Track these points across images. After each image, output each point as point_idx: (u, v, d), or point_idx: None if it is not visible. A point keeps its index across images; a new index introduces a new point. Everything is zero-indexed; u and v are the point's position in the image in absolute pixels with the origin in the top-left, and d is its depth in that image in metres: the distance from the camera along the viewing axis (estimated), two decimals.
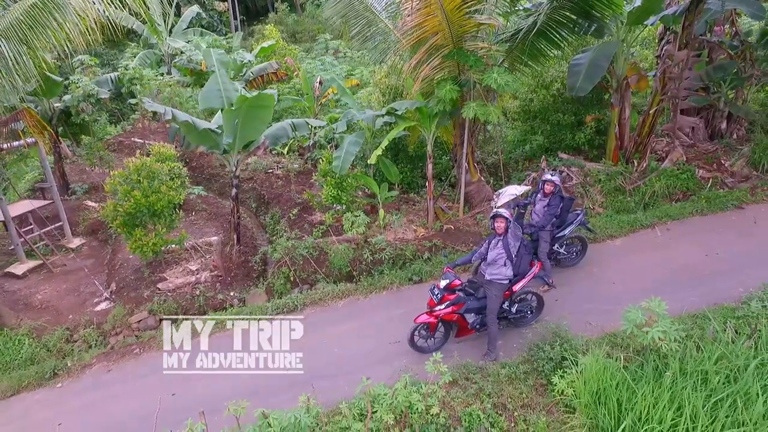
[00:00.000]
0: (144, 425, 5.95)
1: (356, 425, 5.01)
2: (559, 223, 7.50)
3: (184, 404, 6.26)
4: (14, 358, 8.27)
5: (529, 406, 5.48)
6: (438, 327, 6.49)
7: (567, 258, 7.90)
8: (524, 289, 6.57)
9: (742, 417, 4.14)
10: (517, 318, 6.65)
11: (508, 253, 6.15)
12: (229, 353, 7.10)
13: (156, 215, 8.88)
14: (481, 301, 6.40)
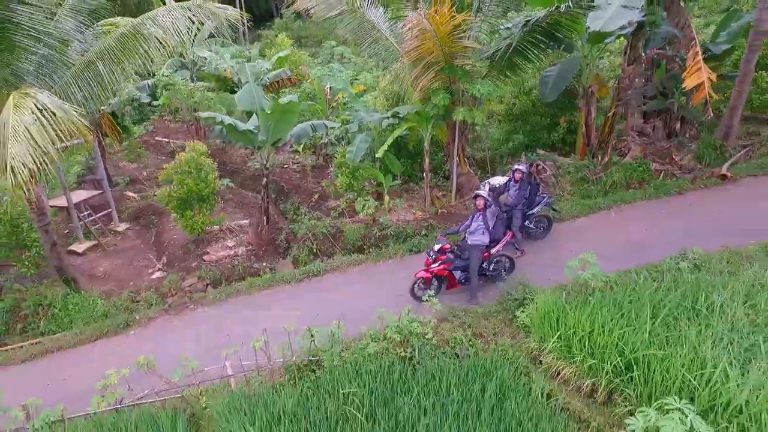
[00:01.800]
0: (209, 355, 7.79)
1: (372, 344, 6.90)
2: (529, 204, 9.40)
3: (248, 335, 8.13)
4: (91, 314, 10.15)
5: (499, 333, 7.38)
6: (432, 281, 8.37)
7: (536, 232, 9.80)
8: (499, 252, 8.48)
9: (637, 322, 6.05)
10: (493, 274, 8.55)
11: (486, 224, 8.05)
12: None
13: (202, 200, 10.78)
14: (465, 261, 8.30)
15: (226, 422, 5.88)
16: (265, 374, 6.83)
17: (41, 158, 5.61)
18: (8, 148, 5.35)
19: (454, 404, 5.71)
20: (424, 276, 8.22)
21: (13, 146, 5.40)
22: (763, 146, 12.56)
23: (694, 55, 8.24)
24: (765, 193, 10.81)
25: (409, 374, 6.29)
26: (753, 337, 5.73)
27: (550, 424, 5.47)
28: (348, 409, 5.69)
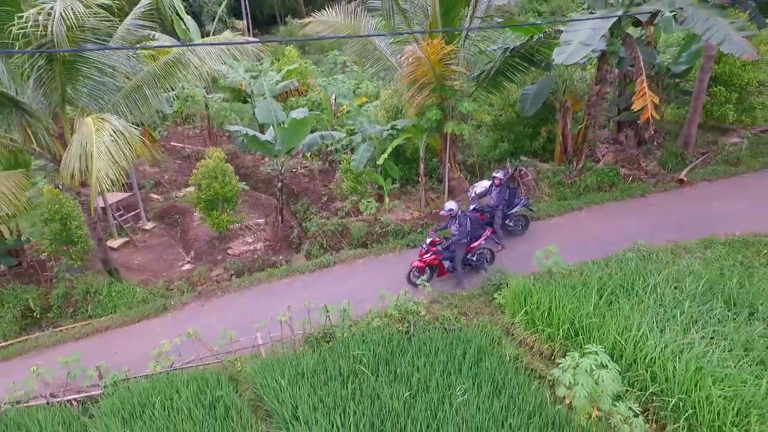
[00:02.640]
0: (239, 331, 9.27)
1: (376, 319, 8.43)
2: (509, 205, 10.93)
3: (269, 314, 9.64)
4: (132, 300, 11.65)
5: (480, 312, 8.92)
6: (425, 269, 9.89)
7: (515, 229, 11.32)
8: (480, 246, 10.01)
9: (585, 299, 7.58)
10: (477, 264, 10.08)
11: (457, 231, 9.52)
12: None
13: (226, 200, 12.30)
14: (452, 253, 9.82)
15: (261, 378, 7.41)
16: (288, 343, 8.36)
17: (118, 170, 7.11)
18: (94, 164, 6.86)
19: (441, 364, 7.22)
20: (418, 265, 9.74)
21: (97, 162, 6.91)
22: (720, 154, 14.09)
23: (641, 83, 9.74)
24: (717, 195, 12.35)
25: (405, 342, 7.81)
26: (674, 310, 7.27)
27: (516, 377, 6.99)
28: (357, 367, 7.21)
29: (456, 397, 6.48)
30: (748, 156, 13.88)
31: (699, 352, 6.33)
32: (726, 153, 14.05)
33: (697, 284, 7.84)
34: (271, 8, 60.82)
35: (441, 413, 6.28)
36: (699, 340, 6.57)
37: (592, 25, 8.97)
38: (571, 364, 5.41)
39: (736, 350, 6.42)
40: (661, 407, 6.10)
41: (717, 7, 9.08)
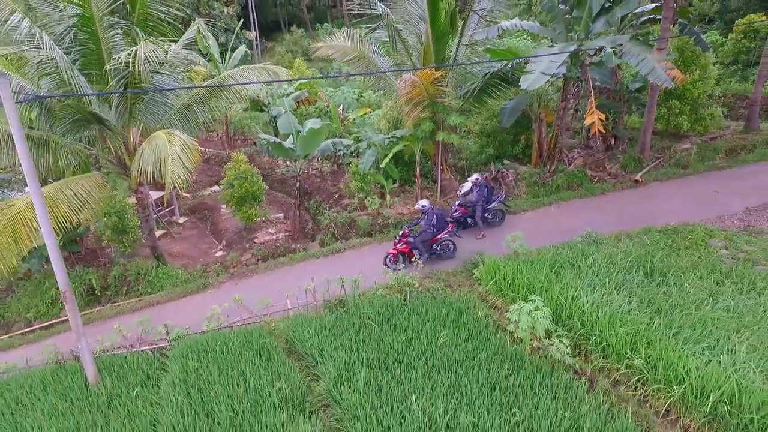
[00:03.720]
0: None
1: (380, 290, 10.75)
2: (487, 201, 13.24)
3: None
4: (175, 280, 13.97)
5: (462, 284, 11.25)
6: (398, 256, 12.12)
7: (493, 221, 13.63)
8: (443, 238, 12.22)
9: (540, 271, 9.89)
10: (440, 253, 12.25)
11: (426, 224, 11.81)
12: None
13: (254, 197, 14.63)
14: (420, 243, 12.05)
15: (292, 331, 9.74)
16: (312, 308, 10.69)
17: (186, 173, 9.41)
18: (168, 168, 9.17)
19: (429, 320, 9.53)
20: (393, 252, 11.97)
21: (172, 166, 9.20)
22: (672, 158, 16.42)
23: (590, 103, 12.03)
24: (664, 193, 14.69)
25: (403, 305, 10.12)
26: (605, 278, 9.61)
27: (486, 329, 9.30)
28: (367, 321, 9.54)
29: (439, 340, 8.81)
30: (696, 160, 16.22)
31: (616, 306, 8.67)
32: (677, 157, 16.39)
33: (626, 260, 10.19)
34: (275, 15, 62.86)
35: (429, 351, 8.59)
36: (618, 298, 8.91)
37: (551, 58, 11.27)
38: (518, 308, 7.74)
39: (643, 304, 8.76)
40: (586, 343, 8.44)
41: (646, 44, 11.38)
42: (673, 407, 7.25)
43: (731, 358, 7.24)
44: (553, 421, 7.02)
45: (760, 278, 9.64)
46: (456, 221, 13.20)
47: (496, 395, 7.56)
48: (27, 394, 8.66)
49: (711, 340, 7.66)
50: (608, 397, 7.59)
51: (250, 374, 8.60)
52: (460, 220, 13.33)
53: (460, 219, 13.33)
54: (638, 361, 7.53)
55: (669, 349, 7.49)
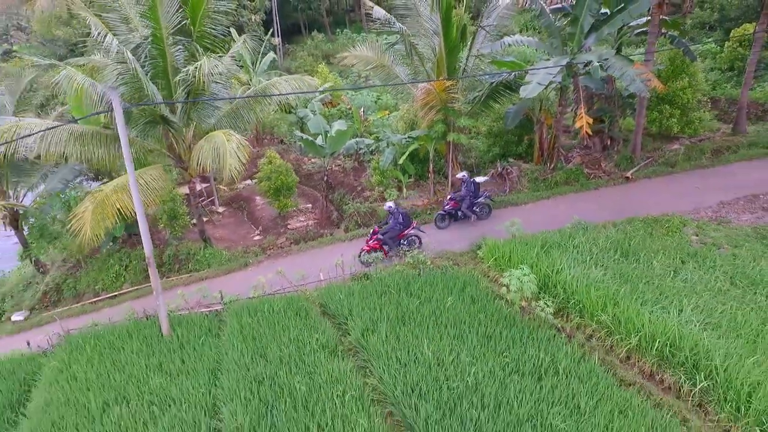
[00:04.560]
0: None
1: (398, 266, 12.66)
2: (474, 196, 14.97)
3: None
4: (220, 259, 16.06)
5: (468, 263, 13.10)
6: (371, 251, 13.76)
7: (480, 214, 15.25)
8: (409, 234, 13.84)
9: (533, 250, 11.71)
10: (406, 247, 13.90)
11: (393, 222, 13.60)
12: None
13: (288, 189, 16.67)
14: (389, 239, 13.78)
15: (326, 297, 11.73)
16: (340, 280, 12.66)
17: (241, 166, 11.44)
18: (227, 161, 11.23)
19: (439, 289, 11.41)
20: (366, 248, 13.65)
21: (230, 160, 11.23)
22: (661, 158, 18.04)
23: (580, 109, 13.78)
24: (651, 189, 16.34)
25: (417, 277, 12.03)
26: (586, 257, 11.41)
27: (486, 297, 11.16)
28: (386, 289, 11.48)
29: (447, 303, 10.71)
30: (683, 160, 17.81)
31: (593, 277, 10.48)
32: (666, 157, 18.01)
33: (607, 242, 11.98)
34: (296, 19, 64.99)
35: (438, 312, 10.49)
36: (596, 272, 10.72)
37: (546, 70, 13.06)
38: (509, 274, 9.63)
39: (615, 276, 10.55)
40: (567, 307, 10.28)
41: (628, 59, 13.11)
42: (632, 354, 9.07)
43: (678, 315, 9.03)
44: (536, 363, 8.88)
45: (719, 258, 11.35)
46: (448, 213, 15.01)
47: (492, 344, 9.44)
48: (117, 340, 10.78)
49: (665, 303, 9.43)
50: (582, 348, 9.43)
51: (292, 328, 10.61)
52: (451, 213, 15.09)
53: (451, 211, 15.08)
54: (606, 317, 9.35)
55: (630, 308, 9.30)
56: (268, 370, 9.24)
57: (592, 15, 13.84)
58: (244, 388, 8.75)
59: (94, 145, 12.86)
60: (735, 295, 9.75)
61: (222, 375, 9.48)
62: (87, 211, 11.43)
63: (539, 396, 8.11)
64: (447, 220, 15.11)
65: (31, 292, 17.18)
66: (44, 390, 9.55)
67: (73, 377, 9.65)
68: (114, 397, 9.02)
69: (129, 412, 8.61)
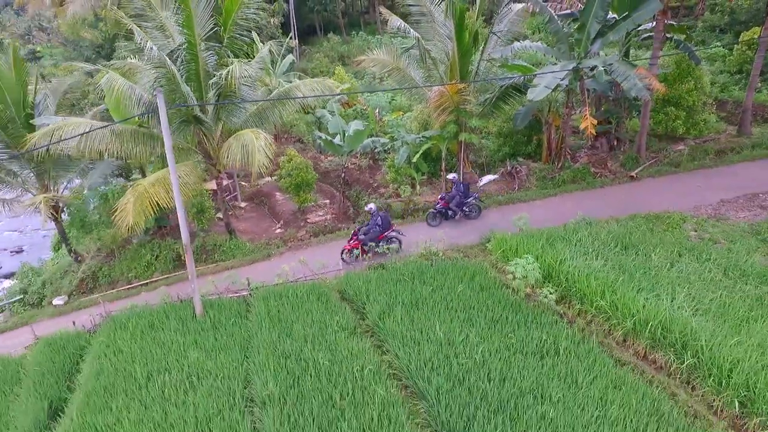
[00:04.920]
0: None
1: (413, 256, 13.52)
2: (465, 196, 15.67)
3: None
4: (244, 250, 17.07)
5: (477, 255, 13.92)
6: (352, 251, 14.43)
7: (470, 214, 15.92)
8: (390, 235, 14.52)
9: (538, 242, 12.50)
10: (386, 246, 14.64)
11: (373, 224, 14.34)
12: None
13: (307, 185, 17.63)
14: (369, 239, 14.46)
15: (345, 284, 12.64)
16: (358, 269, 13.56)
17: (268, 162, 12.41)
18: (256, 158, 12.20)
19: (450, 277, 12.26)
20: (347, 248, 14.33)
21: (258, 156, 12.20)
22: (666, 158, 18.65)
23: (585, 111, 14.51)
24: (655, 188, 16.98)
25: (429, 267, 12.87)
26: (588, 249, 12.16)
27: (494, 285, 11.96)
28: (401, 277, 12.35)
29: (457, 290, 11.54)
30: (688, 160, 18.40)
31: (594, 268, 11.24)
32: (671, 157, 18.61)
33: (608, 236, 12.72)
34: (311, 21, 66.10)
35: (449, 297, 11.31)
36: (596, 263, 11.48)
37: (554, 74, 13.80)
38: (515, 263, 10.44)
39: (615, 267, 11.30)
40: (569, 295, 11.05)
41: (631, 63, 13.81)
42: (628, 336, 9.83)
43: (671, 302, 9.76)
44: (538, 344, 9.70)
45: (714, 252, 12.03)
46: (439, 212, 15.74)
47: (498, 327, 10.28)
48: (155, 320, 11.81)
49: (659, 291, 10.17)
50: (582, 332, 10.21)
51: (314, 311, 11.54)
52: (442, 211, 15.82)
53: (441, 210, 15.81)
54: (604, 303, 10.13)
55: (627, 295, 10.06)
56: (294, 347, 10.17)
57: (598, 22, 14.55)
58: (273, 362, 9.70)
59: (131, 142, 13.93)
60: (726, 285, 10.45)
61: (252, 351, 10.44)
62: (129, 203, 12.48)
63: (540, 372, 8.93)
64: (438, 218, 15.85)
65: (68, 280, 18.36)
66: (93, 361, 10.60)
67: (119, 351, 10.68)
68: (156, 368, 10.01)
69: (171, 381, 9.59)
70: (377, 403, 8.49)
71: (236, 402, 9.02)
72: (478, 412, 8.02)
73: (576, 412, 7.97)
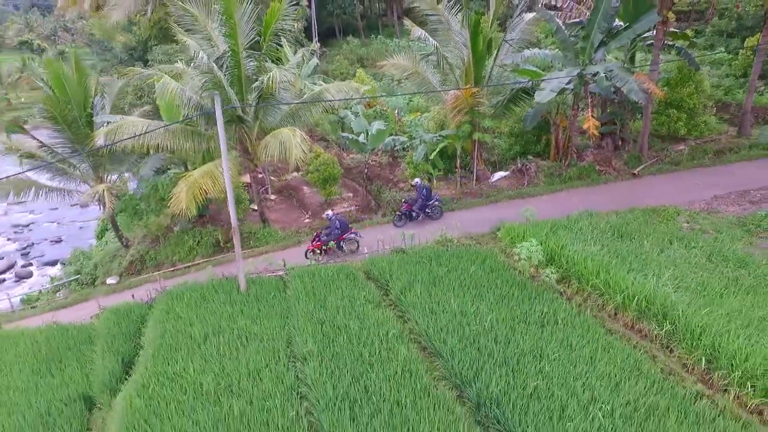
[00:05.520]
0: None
1: (429, 243, 15.05)
2: (427, 198, 16.94)
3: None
4: (276, 237, 18.76)
5: (488, 242, 15.36)
6: (315, 251, 15.85)
7: (433, 215, 17.19)
8: (348, 237, 15.90)
9: (542, 230, 13.91)
10: (346, 248, 15.98)
11: (332, 228, 15.72)
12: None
13: (333, 179, 19.26)
14: (329, 240, 15.91)
15: (369, 265, 14.22)
16: (381, 253, 15.13)
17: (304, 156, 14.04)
18: (293, 153, 13.85)
19: (463, 261, 13.74)
20: (311, 248, 15.73)
21: (295, 151, 13.85)
22: (667, 157, 19.85)
23: (588, 113, 15.83)
24: (655, 184, 18.20)
25: (445, 251, 14.37)
26: (587, 237, 13.55)
27: (503, 268, 13.40)
28: (420, 259, 13.89)
29: (470, 271, 13.03)
30: (687, 159, 19.58)
31: (591, 252, 12.63)
32: (672, 157, 19.80)
33: (607, 226, 14.09)
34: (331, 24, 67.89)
35: (463, 277, 12.78)
36: (594, 248, 12.87)
37: (559, 79, 15.18)
38: (520, 246, 11.91)
39: (610, 252, 12.68)
40: (569, 276, 12.48)
41: (629, 70, 15.11)
42: (618, 310, 11.23)
43: (656, 280, 11.14)
44: (539, 315, 11.14)
45: (701, 241, 13.33)
46: (404, 214, 17.05)
47: (505, 301, 11.74)
48: (206, 293, 13.53)
49: (647, 272, 11.54)
50: (579, 307, 11.62)
51: (344, 288, 13.12)
52: (406, 213, 17.11)
53: (406, 212, 17.10)
54: (598, 281, 11.54)
55: (618, 275, 11.45)
56: (328, 316, 11.77)
57: (601, 32, 15.88)
58: (310, 327, 11.31)
59: (182, 139, 15.70)
60: (708, 268, 11.77)
61: (291, 319, 12.07)
62: (182, 192, 14.23)
63: (540, 337, 10.39)
64: (403, 219, 17.12)
65: (117, 262, 20.30)
66: (156, 325, 12.34)
67: (177, 317, 12.41)
68: (210, 331, 11.69)
69: (224, 341, 11.26)
70: (400, 360, 10.04)
71: (281, 358, 10.64)
72: (485, 365, 9.52)
73: (568, 368, 9.41)
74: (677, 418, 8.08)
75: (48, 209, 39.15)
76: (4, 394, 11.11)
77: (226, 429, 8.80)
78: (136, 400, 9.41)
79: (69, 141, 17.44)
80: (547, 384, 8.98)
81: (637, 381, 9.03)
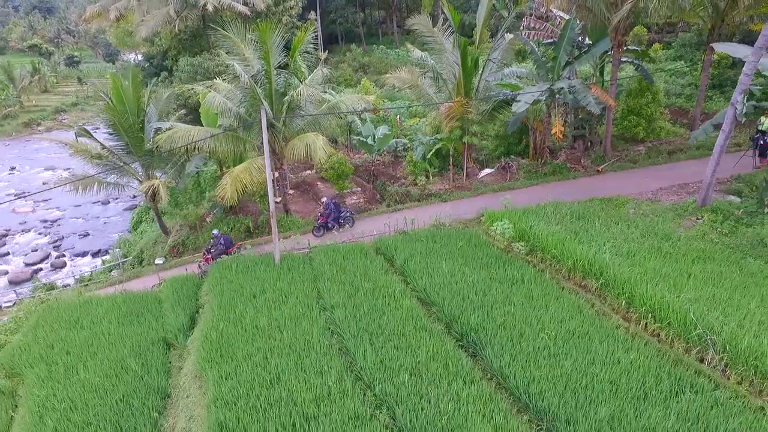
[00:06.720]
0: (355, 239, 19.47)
1: (426, 227, 18.40)
2: (338, 211, 20.11)
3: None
4: (298, 224, 22.04)
5: (474, 226, 18.74)
6: (209, 261, 18.92)
7: (345, 224, 20.27)
8: (233, 251, 19.03)
9: (516, 215, 17.25)
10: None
11: (217, 244, 18.95)
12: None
13: (345, 175, 22.57)
14: (218, 254, 19.08)
15: (378, 243, 17.54)
16: (387, 235, 18.45)
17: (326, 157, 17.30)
18: (318, 154, 17.15)
19: (453, 238, 17.06)
20: (204, 260, 18.68)
21: (319, 152, 17.15)
22: (627, 156, 23.22)
23: (556, 119, 19.19)
24: (615, 179, 21.53)
25: (439, 232, 17.70)
26: (551, 219, 16.91)
27: (484, 244, 16.75)
28: (418, 238, 17.22)
29: (458, 245, 16.37)
30: (644, 158, 22.95)
31: (552, 230, 15.99)
32: (631, 156, 23.18)
33: (567, 212, 17.46)
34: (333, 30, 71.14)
35: (452, 250, 16.10)
36: (556, 228, 16.23)
37: (532, 93, 18.52)
38: (497, 224, 15.28)
39: (568, 230, 16.03)
40: (535, 249, 15.83)
41: (586, 85, 18.49)
42: (571, 273, 14.57)
43: (598, 249, 14.50)
44: (510, 277, 14.45)
45: (640, 222, 16.70)
46: (321, 225, 19.81)
47: (485, 267, 15.07)
48: (248, 265, 16.81)
49: (593, 243, 14.90)
50: (541, 272, 14.97)
51: (359, 259, 16.44)
52: (322, 225, 19.88)
53: (322, 224, 19.88)
54: (555, 251, 14.91)
55: (571, 246, 14.80)
56: (347, 279, 15.07)
57: (567, 53, 19.25)
58: (335, 286, 14.63)
59: (224, 142, 19.01)
60: (639, 241, 15.11)
61: (318, 282, 15.35)
62: (227, 184, 17.55)
63: (510, 291, 13.69)
64: (322, 230, 19.81)
65: (160, 247, 23.59)
66: (214, 287, 15.61)
67: (229, 281, 15.70)
68: (257, 290, 14.94)
69: (269, 298, 14.54)
70: (404, 308, 13.35)
71: (314, 308, 13.94)
72: (468, 309, 12.85)
73: (528, 311, 12.73)
74: (599, 339, 11.43)
75: (72, 206, 42.31)
76: (102, 336, 14.39)
77: (279, 353, 12.11)
78: (212, 333, 12.72)
79: (125, 144, 20.70)
80: (511, 321, 12.32)
81: (576, 318, 12.38)
